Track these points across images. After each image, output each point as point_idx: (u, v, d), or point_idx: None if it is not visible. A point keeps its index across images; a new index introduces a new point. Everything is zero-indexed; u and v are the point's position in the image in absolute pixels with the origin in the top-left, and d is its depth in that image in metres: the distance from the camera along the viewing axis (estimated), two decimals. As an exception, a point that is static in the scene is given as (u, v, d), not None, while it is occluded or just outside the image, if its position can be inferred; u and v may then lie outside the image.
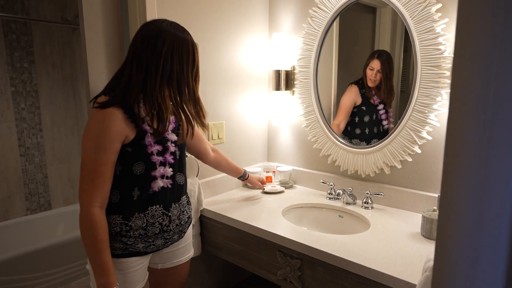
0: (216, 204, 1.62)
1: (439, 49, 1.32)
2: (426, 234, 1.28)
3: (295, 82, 1.84)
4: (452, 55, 0.42)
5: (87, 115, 1.48)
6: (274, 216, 1.50)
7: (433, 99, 1.36)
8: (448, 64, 1.31)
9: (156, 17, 1.41)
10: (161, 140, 1.14)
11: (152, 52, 1.04)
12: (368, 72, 1.60)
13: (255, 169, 1.89)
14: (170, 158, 1.16)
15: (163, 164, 1.14)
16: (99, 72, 1.46)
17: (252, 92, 1.90)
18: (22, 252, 2.19)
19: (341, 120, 1.72)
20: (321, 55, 1.72)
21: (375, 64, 1.58)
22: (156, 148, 1.11)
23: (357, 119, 1.68)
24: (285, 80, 1.86)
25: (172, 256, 1.29)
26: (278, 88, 1.86)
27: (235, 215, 1.49)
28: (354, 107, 1.69)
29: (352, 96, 1.69)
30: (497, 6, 0.40)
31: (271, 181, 1.87)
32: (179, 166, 1.21)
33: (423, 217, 1.29)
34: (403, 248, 1.20)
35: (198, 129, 1.35)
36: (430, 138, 1.42)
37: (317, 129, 1.76)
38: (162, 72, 1.05)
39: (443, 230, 0.49)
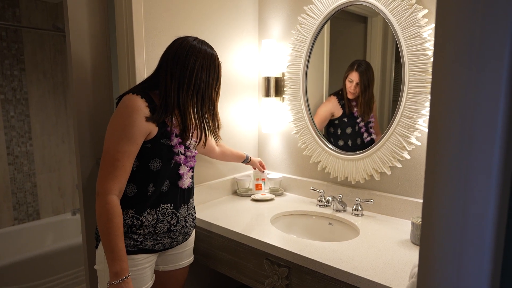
0: (204, 212, 1.60)
1: (426, 54, 1.32)
2: (415, 241, 1.26)
3: (284, 89, 1.83)
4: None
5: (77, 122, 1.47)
6: (262, 224, 1.47)
7: (421, 104, 1.36)
8: (435, 69, 1.31)
9: (142, 26, 1.41)
10: (184, 143, 1.22)
11: (185, 67, 1.13)
12: (348, 84, 1.60)
13: (245, 176, 1.87)
14: (190, 161, 1.25)
15: (185, 164, 1.22)
16: (85, 78, 1.45)
17: (242, 99, 1.89)
18: (9, 262, 2.15)
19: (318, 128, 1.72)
20: (311, 62, 1.72)
21: (354, 76, 1.58)
22: (180, 149, 1.20)
23: (339, 131, 1.67)
24: (274, 87, 1.85)
25: (174, 259, 1.32)
26: (267, 94, 1.85)
27: (223, 223, 1.46)
28: (336, 119, 1.68)
29: (328, 106, 1.69)
30: (475, 6, 0.39)
31: (261, 189, 1.84)
32: (192, 167, 1.29)
33: (413, 223, 1.27)
34: (393, 255, 1.18)
35: None
36: (419, 143, 1.41)
37: (307, 136, 1.75)
38: (194, 84, 1.15)
39: (427, 235, 0.48)
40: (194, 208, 1.33)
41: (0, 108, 2.52)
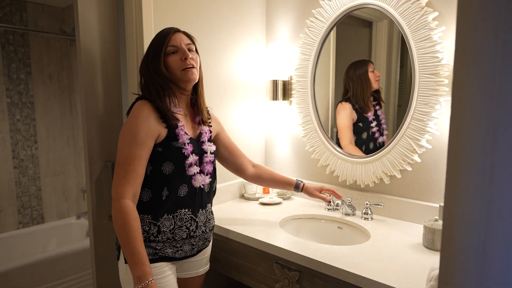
0: (212, 215, 1.58)
1: (437, 57, 1.31)
2: (428, 244, 1.24)
3: (292, 92, 1.83)
4: (451, 63, 0.40)
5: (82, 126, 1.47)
6: (271, 227, 1.46)
7: (431, 107, 1.35)
8: (446, 72, 1.31)
9: (152, 30, 1.41)
10: (193, 142, 1.19)
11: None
12: (372, 75, 1.59)
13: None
14: (204, 164, 1.21)
15: (196, 164, 1.18)
16: (94, 81, 1.45)
17: (249, 102, 1.89)
18: (13, 266, 2.13)
19: (350, 139, 1.66)
20: (319, 65, 1.71)
21: (372, 67, 1.58)
22: (190, 149, 1.16)
23: (355, 137, 1.66)
24: (282, 90, 1.85)
25: (190, 267, 1.29)
26: (275, 98, 1.85)
27: (231, 227, 1.45)
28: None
29: (347, 113, 1.67)
30: (499, 7, 0.39)
31: (268, 192, 1.83)
32: (210, 173, 1.24)
33: (425, 227, 1.25)
34: (405, 259, 1.17)
35: (233, 143, 1.44)
36: (429, 146, 1.40)
37: (315, 139, 1.74)
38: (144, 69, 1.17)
39: (449, 237, 0.46)
40: (212, 213, 1.30)
41: (6, 112, 2.52)
